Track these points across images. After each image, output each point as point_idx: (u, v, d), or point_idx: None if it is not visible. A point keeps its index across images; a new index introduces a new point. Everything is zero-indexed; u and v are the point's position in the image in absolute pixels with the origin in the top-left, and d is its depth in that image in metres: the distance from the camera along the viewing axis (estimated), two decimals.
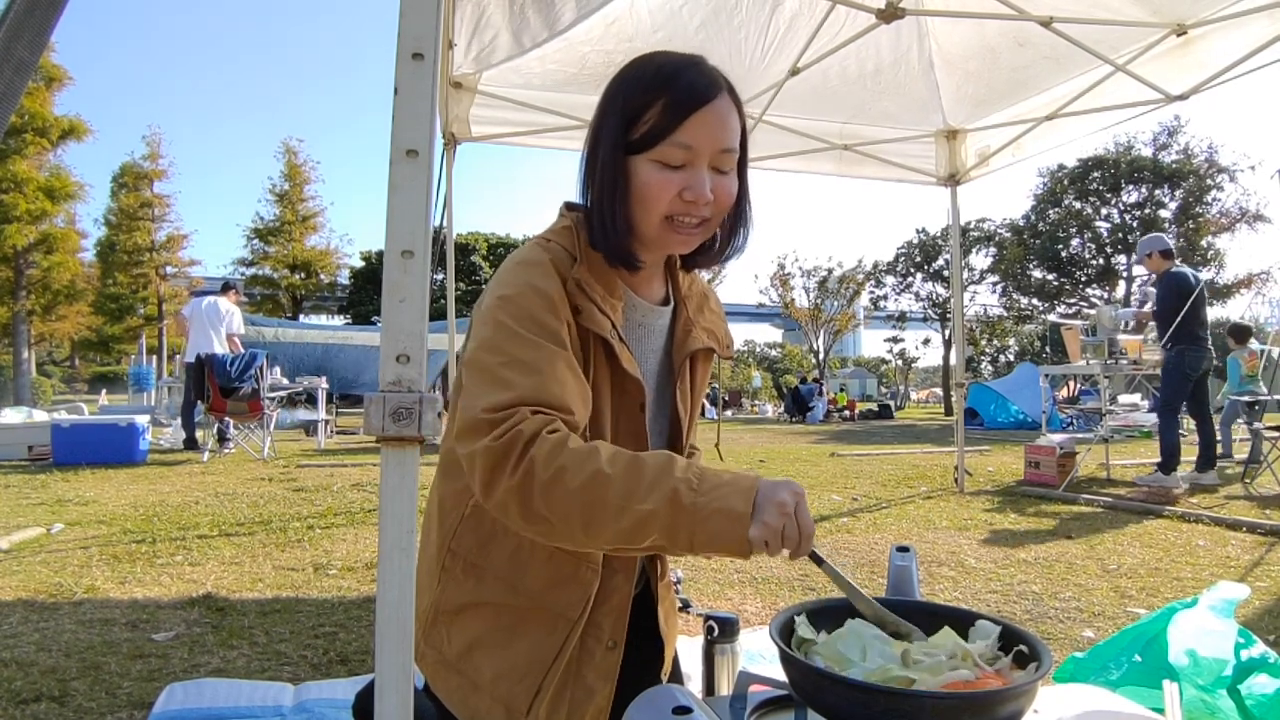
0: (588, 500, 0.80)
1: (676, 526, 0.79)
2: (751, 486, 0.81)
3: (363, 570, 3.54)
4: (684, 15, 3.73)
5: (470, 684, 1.03)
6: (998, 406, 15.06)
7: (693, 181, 0.96)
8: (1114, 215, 20.84)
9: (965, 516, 5.01)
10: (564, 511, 0.81)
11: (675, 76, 0.96)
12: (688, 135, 0.95)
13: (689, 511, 0.79)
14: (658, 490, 0.80)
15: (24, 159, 19.15)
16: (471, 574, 1.05)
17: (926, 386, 41.79)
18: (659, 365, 1.15)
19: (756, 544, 0.79)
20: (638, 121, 0.97)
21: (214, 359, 7.74)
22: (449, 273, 4.80)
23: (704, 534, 0.79)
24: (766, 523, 0.79)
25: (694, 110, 0.95)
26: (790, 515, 0.80)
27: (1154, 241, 6.46)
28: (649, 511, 0.79)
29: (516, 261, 1.01)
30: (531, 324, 0.92)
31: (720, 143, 0.97)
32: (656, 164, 0.96)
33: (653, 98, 0.96)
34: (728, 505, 0.79)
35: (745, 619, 2.84)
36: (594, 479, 0.80)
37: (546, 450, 0.82)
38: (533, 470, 0.81)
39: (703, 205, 0.97)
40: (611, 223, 0.99)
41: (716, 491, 0.80)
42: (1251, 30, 3.64)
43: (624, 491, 0.80)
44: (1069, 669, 1.95)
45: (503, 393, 0.86)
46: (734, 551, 0.80)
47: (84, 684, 2.26)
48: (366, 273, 28.98)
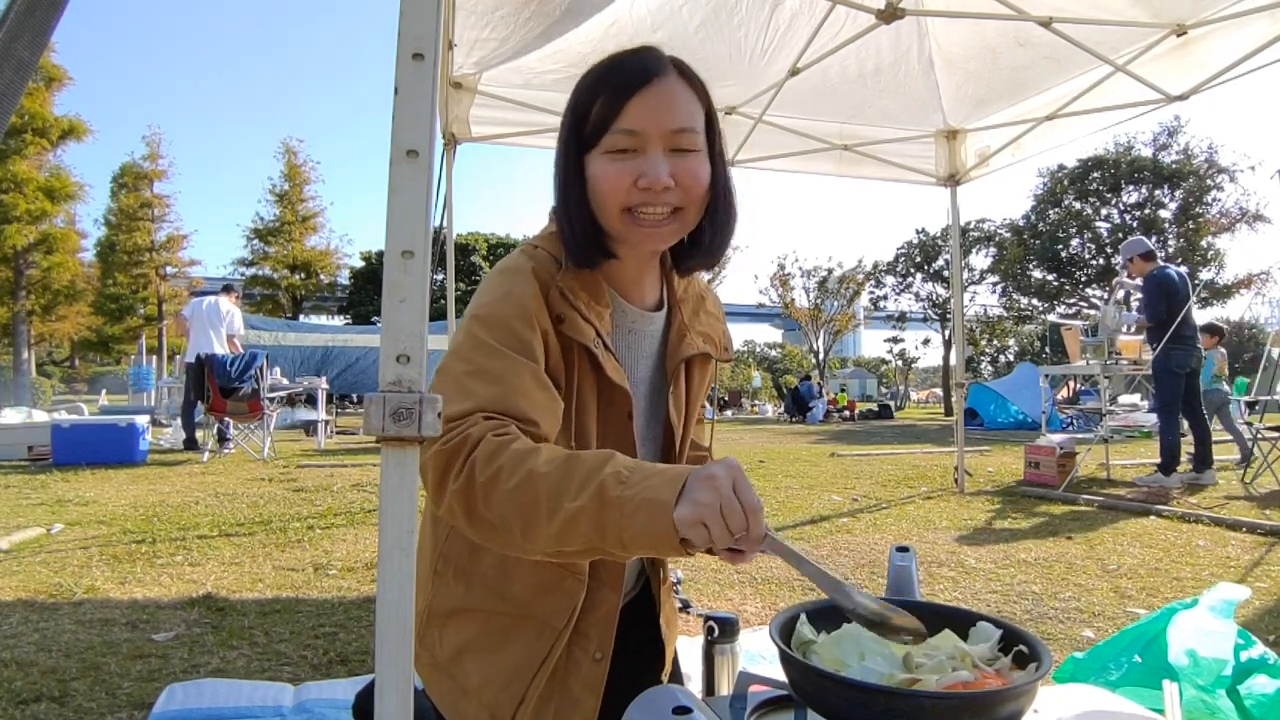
0: (522, 500, 0.77)
1: (604, 523, 0.74)
2: (681, 473, 0.74)
3: (363, 570, 3.54)
4: (684, 15, 3.73)
5: (459, 688, 1.03)
6: (998, 407, 15.06)
7: (645, 167, 0.92)
8: (1114, 215, 20.84)
9: (965, 517, 5.01)
10: (503, 513, 0.78)
11: (615, 66, 0.96)
12: (630, 119, 0.92)
13: (615, 505, 0.73)
14: (588, 487, 0.75)
15: (24, 159, 19.16)
16: (461, 580, 1.05)
17: (926, 387, 41.80)
18: (652, 372, 1.12)
19: (685, 528, 0.70)
20: (586, 119, 0.95)
21: (214, 359, 7.75)
22: (449, 273, 4.80)
23: (631, 528, 0.72)
24: (696, 500, 0.71)
25: (633, 93, 0.92)
26: (727, 491, 0.71)
27: (1134, 246, 6.47)
28: (577, 509, 0.74)
29: (499, 269, 1.00)
30: (504, 333, 0.91)
31: (669, 122, 0.93)
32: (606, 156, 0.94)
33: (596, 91, 0.95)
34: (653, 495, 0.73)
35: (745, 619, 2.84)
36: (528, 478, 0.77)
37: (488, 452, 0.80)
38: (473, 472, 0.79)
39: (660, 190, 0.93)
40: (570, 222, 0.98)
41: (645, 482, 0.74)
42: (1251, 30, 3.64)
43: (555, 490, 0.76)
44: (1069, 669, 1.95)
45: (463, 402, 0.85)
46: (664, 544, 0.72)
47: (84, 684, 2.26)
48: (366, 273, 28.98)
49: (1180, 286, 6.06)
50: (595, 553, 0.78)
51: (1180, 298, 5.99)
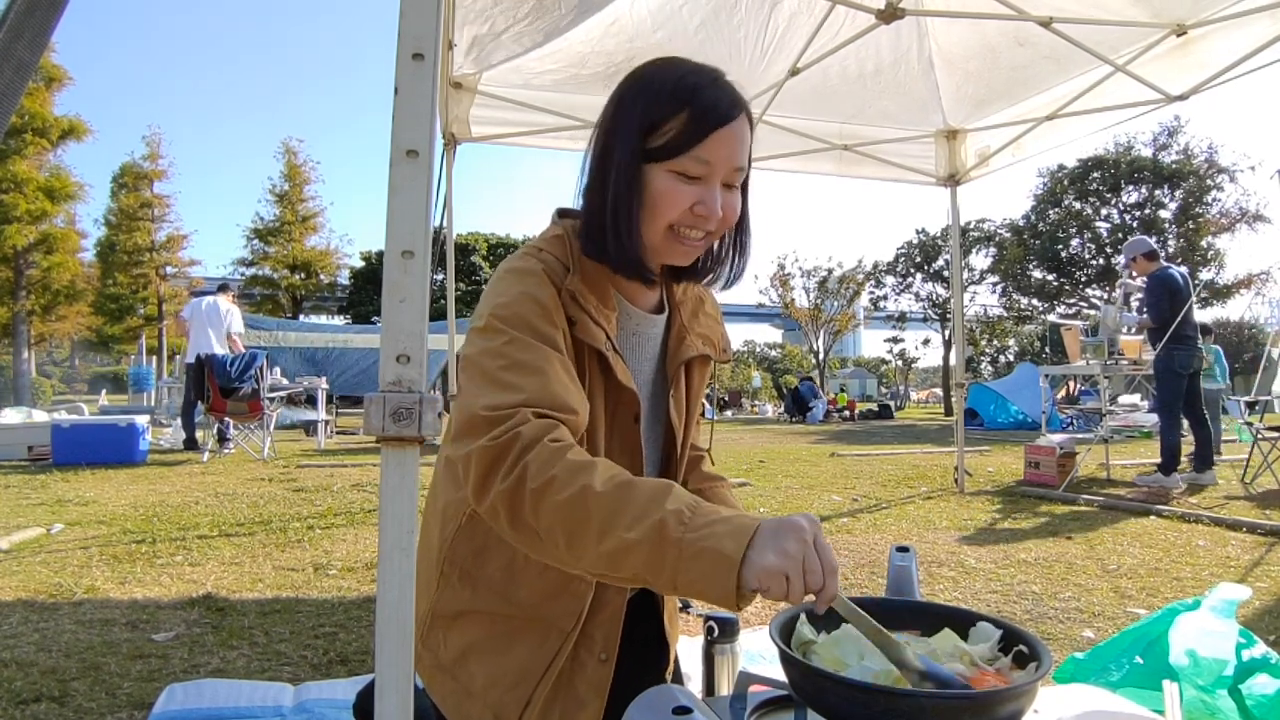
0: (572, 516, 0.76)
1: (661, 562, 0.72)
2: (750, 526, 0.72)
3: (363, 570, 3.54)
4: (684, 15, 3.73)
5: (464, 690, 1.03)
6: (998, 407, 15.07)
7: (706, 196, 0.96)
8: (1114, 215, 20.84)
9: (965, 517, 5.01)
10: (549, 524, 0.77)
11: (699, 91, 0.96)
12: (708, 151, 0.94)
13: (675, 547, 0.71)
14: (646, 520, 0.73)
15: (24, 159, 19.16)
16: (467, 583, 1.05)
17: (926, 387, 41.81)
18: (654, 374, 1.14)
19: (765, 578, 0.69)
20: (656, 131, 0.96)
21: (214, 359, 7.75)
22: (449, 273, 4.80)
23: (687, 575, 0.71)
24: (785, 551, 0.70)
25: (717, 128, 0.94)
26: (810, 547, 0.71)
27: (1137, 245, 6.47)
28: (633, 541, 0.73)
29: (510, 270, 0.99)
30: (528, 330, 0.91)
31: (735, 161, 0.97)
32: (674, 174, 0.95)
33: (675, 109, 0.95)
34: (717, 545, 0.70)
35: (745, 619, 2.84)
36: (582, 493, 0.76)
37: (544, 457, 0.78)
38: (525, 476, 0.78)
39: (712, 220, 0.97)
40: (627, 230, 0.97)
41: (710, 528, 0.72)
42: (1251, 30, 3.64)
43: (610, 514, 0.75)
44: (1069, 669, 1.95)
45: (506, 394, 0.84)
46: (722, 596, 0.71)
47: (84, 684, 2.26)
48: (366, 273, 28.98)
49: (1183, 287, 6.06)
50: (639, 583, 0.77)
51: (1183, 298, 5.99)
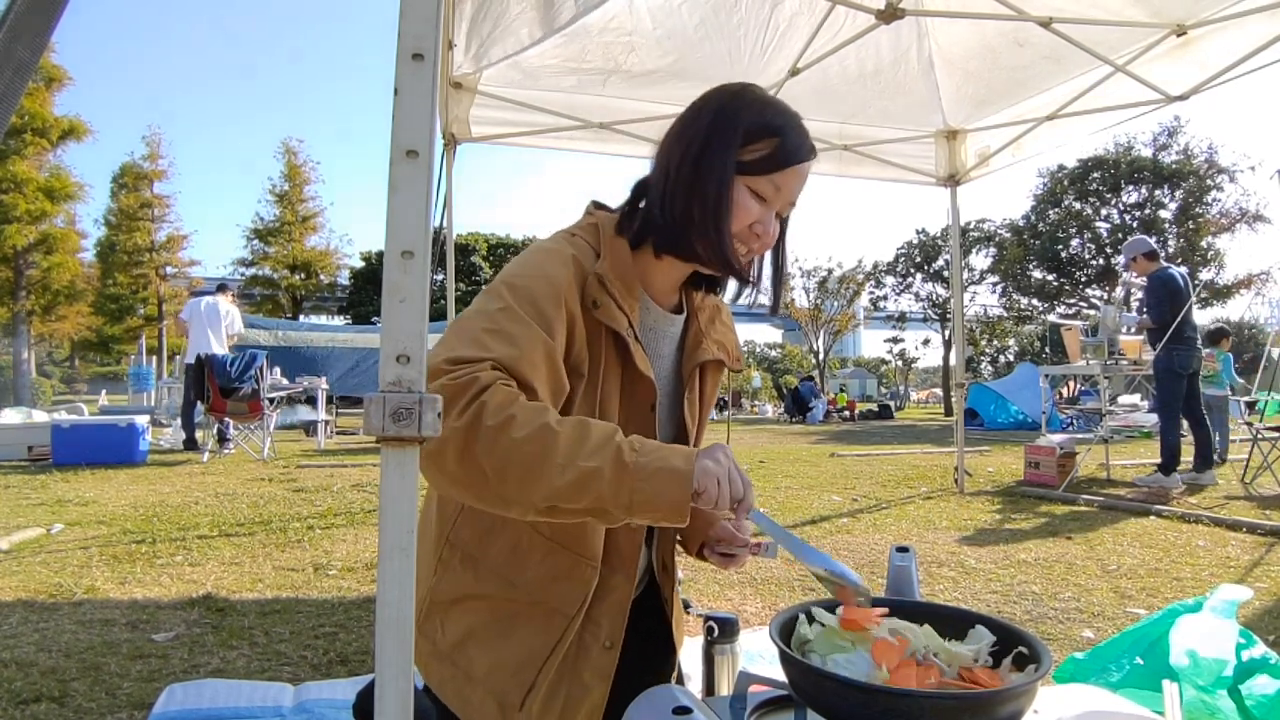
0: (531, 452, 0.80)
1: (619, 484, 0.81)
2: (691, 451, 0.86)
3: (363, 570, 3.54)
4: (683, 14, 3.72)
5: (464, 675, 1.03)
6: (997, 407, 15.07)
7: (766, 218, 1.04)
8: (1114, 216, 20.83)
9: (965, 517, 5.01)
10: (503, 460, 0.80)
11: (789, 127, 1.04)
12: (782, 181, 1.03)
13: (631, 470, 0.81)
14: (604, 450, 0.82)
15: (24, 159, 19.15)
16: (469, 566, 1.05)
17: (926, 387, 41.81)
18: (669, 373, 1.16)
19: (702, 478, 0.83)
20: (749, 146, 1.02)
21: (214, 359, 7.75)
22: (449, 273, 4.80)
23: (643, 493, 0.82)
24: (704, 468, 0.84)
25: (796, 163, 1.03)
26: (729, 464, 0.86)
27: (1138, 245, 6.47)
28: (593, 469, 0.81)
29: (538, 248, 1.03)
30: (530, 307, 0.92)
31: (794, 196, 1.06)
32: (749, 191, 1.02)
33: (770, 133, 1.02)
34: (669, 464, 0.83)
35: (745, 619, 2.84)
36: (542, 431, 0.81)
37: (500, 398, 0.82)
38: (481, 414, 0.80)
39: (762, 241, 1.05)
40: (715, 227, 1.02)
41: (659, 452, 0.84)
42: (1251, 30, 3.64)
43: (570, 448, 0.81)
44: (1069, 669, 1.95)
45: (474, 350, 0.86)
46: (675, 507, 0.82)
47: (84, 684, 2.26)
48: (366, 273, 28.97)
49: (1183, 287, 6.07)
50: (589, 514, 0.84)
51: (1183, 298, 5.99)
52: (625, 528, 1.06)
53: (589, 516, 0.84)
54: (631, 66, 4.09)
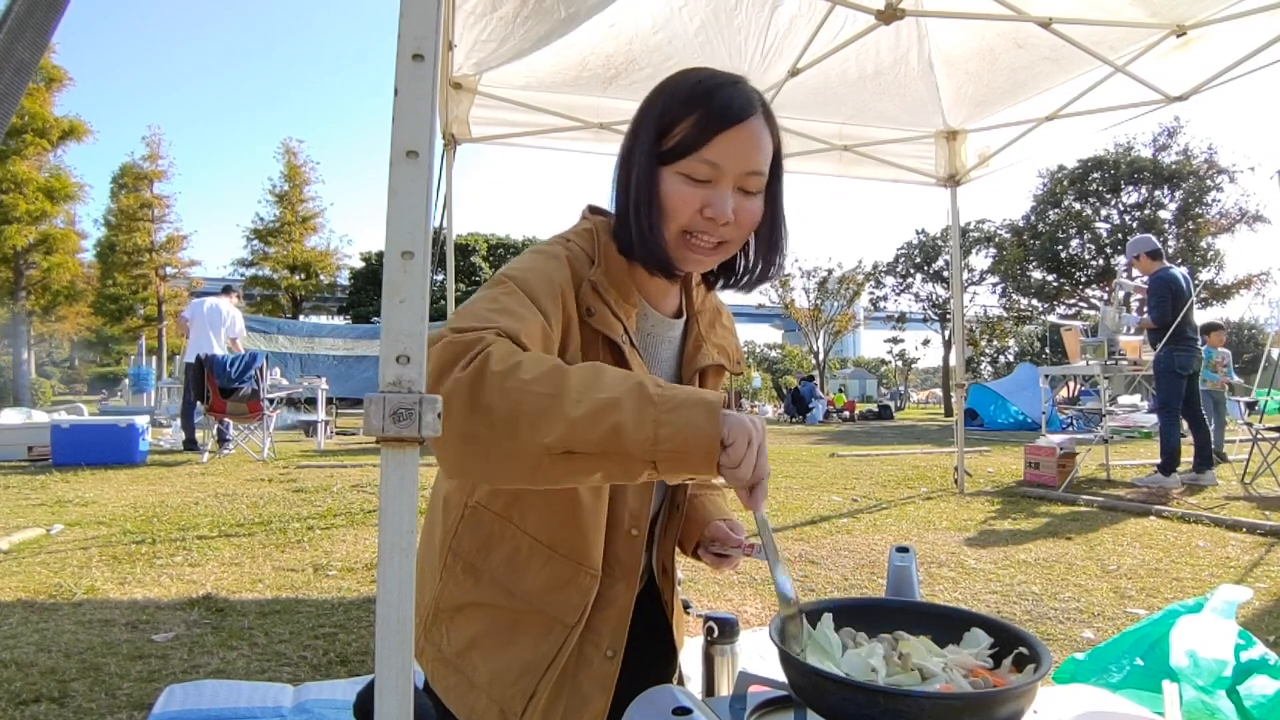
0: (543, 392, 0.75)
1: (642, 414, 0.74)
2: (718, 396, 0.78)
3: (363, 571, 3.54)
4: (684, 16, 3.73)
5: (467, 682, 1.03)
6: (997, 407, 15.07)
7: (714, 199, 0.96)
8: (1114, 216, 20.85)
9: (965, 517, 5.01)
10: (514, 404, 0.75)
11: (711, 93, 0.96)
12: (714, 153, 0.95)
13: (655, 401, 0.74)
14: (624, 384, 0.76)
15: (24, 159, 19.18)
16: (470, 574, 1.05)
17: (926, 387, 41.81)
18: (668, 378, 1.14)
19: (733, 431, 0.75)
20: (669, 133, 0.97)
21: (214, 360, 7.75)
22: (449, 273, 4.81)
23: (670, 426, 0.74)
24: (737, 420, 0.76)
25: (724, 129, 0.95)
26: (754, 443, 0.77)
27: (1141, 243, 6.47)
28: (611, 400, 0.74)
29: (534, 250, 1.02)
30: (529, 295, 0.92)
31: (747, 164, 0.96)
32: (681, 177, 0.96)
33: (687, 111, 0.96)
34: (699, 396, 0.76)
35: (745, 619, 2.84)
36: (554, 371, 0.77)
37: (506, 347, 0.80)
38: (487, 362, 0.77)
39: (721, 224, 0.96)
40: (648, 230, 0.98)
41: (685, 388, 0.77)
42: (1251, 30, 3.64)
43: (584, 384, 0.76)
44: (1068, 670, 1.95)
45: (477, 322, 0.85)
46: (705, 445, 0.74)
47: (84, 685, 2.26)
48: (366, 273, 28.99)
49: (1185, 288, 6.07)
50: (607, 457, 0.75)
51: (1184, 299, 6.00)
52: (625, 535, 1.05)
53: (607, 464, 0.76)
54: (632, 70, 4.10)
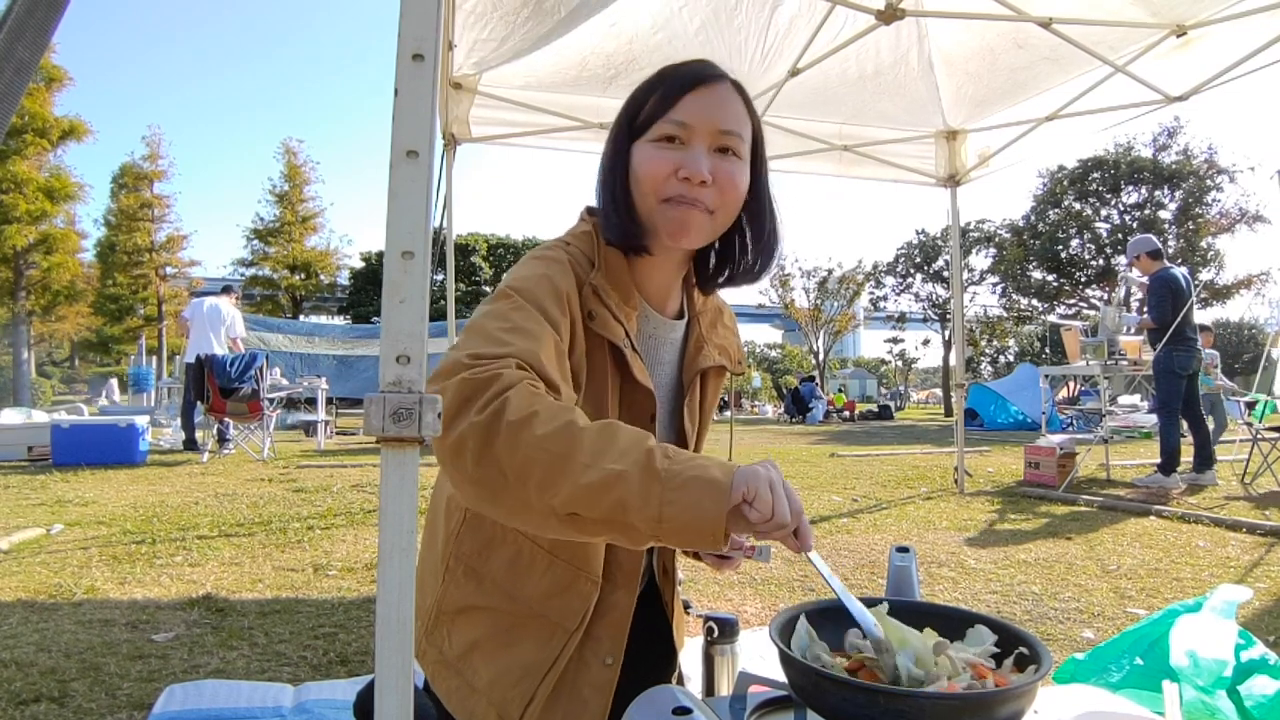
0: (554, 451, 0.74)
1: (647, 492, 0.72)
2: (729, 464, 0.76)
3: (363, 571, 3.54)
4: (683, 17, 3.73)
5: (468, 685, 1.03)
6: (997, 407, 15.07)
7: (687, 159, 0.95)
8: (1114, 216, 20.85)
9: (965, 517, 5.01)
10: (524, 460, 0.74)
11: (675, 69, 1.00)
12: (681, 112, 0.96)
13: (661, 478, 0.72)
14: (632, 453, 0.74)
15: (24, 159, 19.15)
16: (472, 578, 1.05)
17: (926, 387, 41.81)
18: (670, 380, 1.14)
19: (736, 494, 0.72)
20: (639, 111, 0.99)
21: (214, 359, 7.75)
22: (449, 273, 4.80)
23: (674, 505, 0.72)
24: (750, 473, 0.73)
25: (689, 89, 0.96)
26: (778, 487, 0.73)
27: (1142, 243, 6.47)
28: (618, 472, 0.73)
29: (536, 256, 1.02)
30: (537, 306, 0.92)
31: (717, 121, 0.96)
32: (652, 145, 0.98)
33: (653, 87, 1.00)
34: (705, 474, 0.73)
35: (745, 620, 2.84)
36: (568, 428, 0.75)
37: (524, 395, 0.77)
38: (503, 410, 0.75)
39: (698, 183, 0.95)
40: (613, 205, 1.00)
41: (693, 461, 0.75)
42: (1251, 30, 3.64)
43: (595, 449, 0.74)
44: (1069, 670, 1.94)
45: (494, 347, 0.83)
46: (709, 525, 0.72)
47: (83, 685, 2.26)
48: (366, 273, 28.97)
49: (1185, 288, 6.07)
50: (612, 526, 0.75)
51: (1184, 299, 6.00)
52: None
53: (612, 533, 0.76)
54: (632, 70, 4.10)
